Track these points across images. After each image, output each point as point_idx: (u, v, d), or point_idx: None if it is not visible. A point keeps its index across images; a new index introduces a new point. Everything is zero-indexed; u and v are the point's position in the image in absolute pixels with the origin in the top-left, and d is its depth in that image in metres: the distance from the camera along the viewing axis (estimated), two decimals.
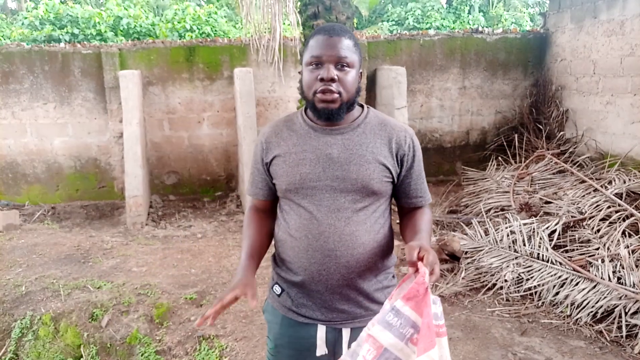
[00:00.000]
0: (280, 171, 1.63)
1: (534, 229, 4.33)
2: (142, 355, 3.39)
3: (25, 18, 10.39)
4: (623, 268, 3.67)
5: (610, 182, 5.12)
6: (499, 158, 6.76)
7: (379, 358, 1.31)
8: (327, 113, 1.56)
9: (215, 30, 11.08)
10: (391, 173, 1.63)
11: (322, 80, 1.52)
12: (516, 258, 4.15)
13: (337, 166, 1.58)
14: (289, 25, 7.05)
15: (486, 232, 4.62)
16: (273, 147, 1.67)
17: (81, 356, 3.56)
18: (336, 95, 1.53)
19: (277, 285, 1.72)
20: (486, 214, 5.11)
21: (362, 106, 1.70)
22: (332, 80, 1.52)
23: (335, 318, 1.63)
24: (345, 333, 1.64)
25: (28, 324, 3.71)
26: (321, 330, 1.64)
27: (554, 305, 3.72)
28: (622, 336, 3.27)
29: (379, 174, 1.60)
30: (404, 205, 1.74)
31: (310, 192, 1.59)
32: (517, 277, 3.99)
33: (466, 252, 4.42)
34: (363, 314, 1.63)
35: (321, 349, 1.64)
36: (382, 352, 1.31)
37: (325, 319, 1.64)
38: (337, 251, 1.57)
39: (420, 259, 1.36)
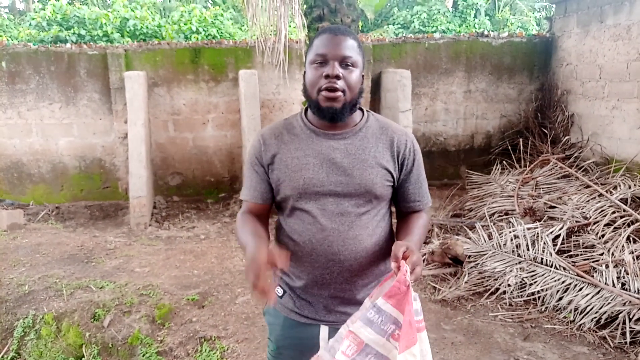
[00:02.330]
0: (282, 176, 1.60)
1: (537, 233, 4.31)
2: (143, 356, 3.39)
3: (33, 19, 10.45)
4: (627, 274, 3.64)
5: (615, 187, 5.09)
6: (504, 162, 6.73)
7: (359, 354, 1.33)
8: (331, 113, 1.55)
9: (221, 32, 11.11)
10: (393, 177, 1.64)
11: (327, 77, 1.52)
12: (520, 263, 4.13)
13: (341, 171, 1.58)
14: (294, 27, 7.07)
15: (490, 237, 4.60)
16: (272, 149, 1.63)
17: (83, 356, 3.57)
18: (340, 94, 1.53)
19: (278, 287, 1.72)
20: (490, 218, 5.09)
21: (362, 110, 1.70)
22: (337, 77, 1.52)
23: (337, 319, 1.63)
24: None
25: (30, 323, 3.72)
26: (324, 331, 1.64)
27: (557, 310, 3.69)
28: (626, 342, 3.25)
29: (381, 178, 1.61)
30: (402, 209, 1.74)
31: (314, 197, 1.58)
32: (521, 281, 3.97)
33: (469, 256, 4.41)
34: None
35: None
36: (363, 348, 1.33)
37: (328, 320, 1.64)
38: (340, 255, 1.58)
39: (405, 258, 1.37)
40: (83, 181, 6.90)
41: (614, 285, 3.60)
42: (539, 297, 3.82)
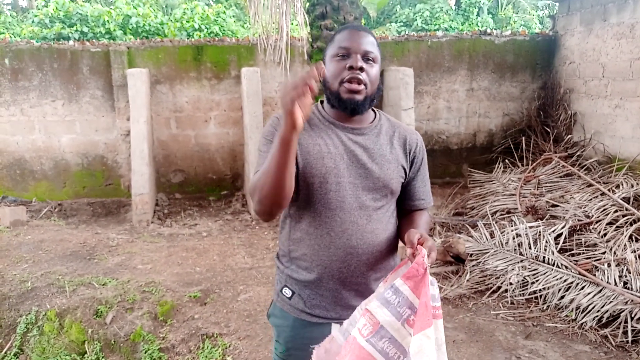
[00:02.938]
0: (303, 162, 1.57)
1: (540, 232, 4.30)
2: (145, 353, 3.40)
3: (36, 16, 10.46)
4: (629, 273, 3.64)
5: (617, 186, 5.08)
6: (506, 160, 6.73)
7: (374, 335, 1.32)
8: (352, 104, 1.56)
9: (224, 30, 11.10)
10: (405, 174, 1.67)
11: (350, 68, 1.53)
12: (521, 261, 4.13)
13: (360, 164, 1.59)
14: (296, 25, 7.06)
15: (492, 235, 4.60)
16: None
17: (85, 352, 3.58)
18: (362, 87, 1.54)
19: (286, 288, 1.70)
20: (492, 216, 5.09)
21: (373, 110, 1.72)
22: (361, 69, 1.53)
23: (348, 315, 1.62)
24: None
25: (33, 319, 3.73)
26: (335, 329, 1.62)
27: (559, 309, 3.69)
28: (627, 341, 3.25)
29: (397, 175, 1.64)
30: (405, 206, 1.76)
31: (334, 188, 1.58)
32: (522, 280, 3.97)
33: (471, 255, 4.41)
34: None
35: None
36: (378, 330, 1.32)
37: (339, 317, 1.63)
38: (359, 248, 1.59)
39: (420, 243, 1.41)
40: (85, 178, 6.91)
41: (615, 284, 3.59)
42: (540, 296, 3.82)
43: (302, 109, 1.31)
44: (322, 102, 1.70)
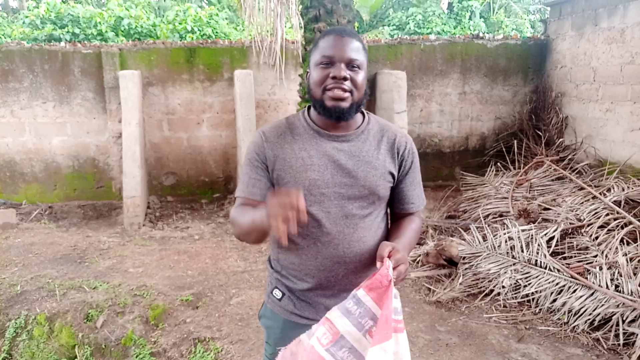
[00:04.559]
0: (286, 176, 1.57)
1: (532, 235, 4.32)
2: (136, 357, 3.37)
3: (27, 17, 10.38)
4: (621, 276, 3.66)
5: (609, 190, 5.11)
6: (498, 164, 6.75)
7: (334, 345, 1.31)
8: (337, 112, 1.54)
9: (216, 32, 11.08)
10: (393, 178, 1.65)
11: (334, 78, 1.52)
12: (514, 264, 4.14)
13: (345, 173, 1.57)
14: (290, 28, 7.06)
15: (484, 238, 4.61)
16: (275, 147, 1.60)
17: (75, 357, 3.54)
18: (347, 94, 1.52)
19: (277, 290, 1.70)
20: (484, 219, 5.10)
21: (362, 113, 1.70)
22: (345, 78, 1.52)
23: None
24: None
25: (23, 323, 3.69)
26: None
27: (551, 312, 3.71)
28: (619, 344, 3.27)
29: (384, 180, 1.61)
30: (395, 210, 1.74)
31: (318, 199, 1.56)
32: (515, 283, 3.98)
33: (464, 258, 4.41)
34: None
35: None
36: (338, 339, 1.31)
37: None
38: (346, 257, 1.58)
39: (390, 257, 1.39)
40: (76, 181, 6.86)
41: (607, 287, 3.61)
42: (533, 299, 3.83)
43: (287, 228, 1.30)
44: (309, 107, 1.68)
